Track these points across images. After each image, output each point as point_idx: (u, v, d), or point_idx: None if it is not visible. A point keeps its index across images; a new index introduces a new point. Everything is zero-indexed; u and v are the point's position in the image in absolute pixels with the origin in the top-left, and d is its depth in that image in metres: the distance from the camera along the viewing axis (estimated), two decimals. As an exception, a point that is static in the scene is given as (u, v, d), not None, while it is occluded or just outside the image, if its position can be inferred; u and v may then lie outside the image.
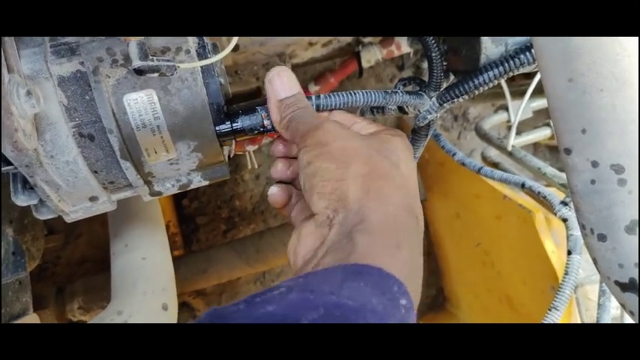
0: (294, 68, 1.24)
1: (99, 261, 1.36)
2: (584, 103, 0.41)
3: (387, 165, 0.48)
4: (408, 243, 0.43)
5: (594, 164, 0.42)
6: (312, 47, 1.16)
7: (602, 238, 0.43)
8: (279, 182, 0.58)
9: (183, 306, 1.47)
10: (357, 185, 0.45)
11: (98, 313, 1.02)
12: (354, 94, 0.57)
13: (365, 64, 1.24)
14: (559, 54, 0.42)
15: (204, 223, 1.57)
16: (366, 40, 1.26)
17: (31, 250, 0.86)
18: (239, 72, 1.10)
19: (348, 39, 1.22)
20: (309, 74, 1.51)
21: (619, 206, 0.42)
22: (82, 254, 1.41)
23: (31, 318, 0.76)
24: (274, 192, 0.56)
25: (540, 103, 1.10)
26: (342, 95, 0.56)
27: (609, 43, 0.40)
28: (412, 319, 0.40)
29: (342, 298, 0.37)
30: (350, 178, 0.46)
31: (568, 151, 0.44)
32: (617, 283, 0.43)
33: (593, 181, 0.43)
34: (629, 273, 0.42)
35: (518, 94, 1.06)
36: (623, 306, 0.44)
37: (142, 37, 0.47)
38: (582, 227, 0.45)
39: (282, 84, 0.53)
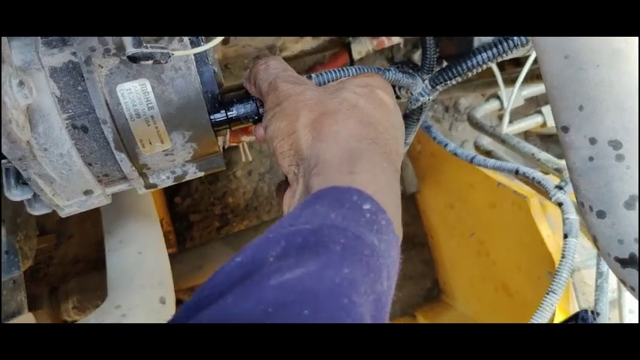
0: (285, 61, 1.23)
1: (92, 261, 1.35)
2: (580, 80, 0.42)
3: (336, 103, 0.47)
4: (365, 167, 0.42)
5: (592, 141, 0.42)
6: (302, 40, 1.16)
7: (601, 214, 0.43)
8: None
9: (178, 303, 1.46)
10: (307, 133, 0.45)
11: (93, 312, 1.01)
12: (348, 69, 0.57)
13: (356, 56, 1.24)
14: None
15: (197, 220, 1.57)
16: (356, 32, 1.26)
17: (24, 250, 0.85)
18: (229, 66, 1.10)
19: (338, 31, 1.22)
20: (299, 67, 1.51)
21: (617, 182, 0.42)
22: (74, 254, 1.40)
23: (27, 317, 0.75)
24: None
25: (532, 90, 1.11)
26: (336, 71, 0.56)
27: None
28: (385, 220, 0.39)
29: (300, 225, 0.36)
30: (300, 128, 0.46)
31: (565, 129, 0.44)
32: (617, 259, 0.44)
33: (591, 158, 0.43)
34: (629, 248, 0.43)
35: (509, 81, 1.07)
36: (623, 282, 0.44)
37: (135, 25, 0.46)
38: (581, 205, 0.45)
39: (265, 60, 0.54)
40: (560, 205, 0.77)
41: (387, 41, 1.21)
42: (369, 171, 0.42)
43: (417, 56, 1.45)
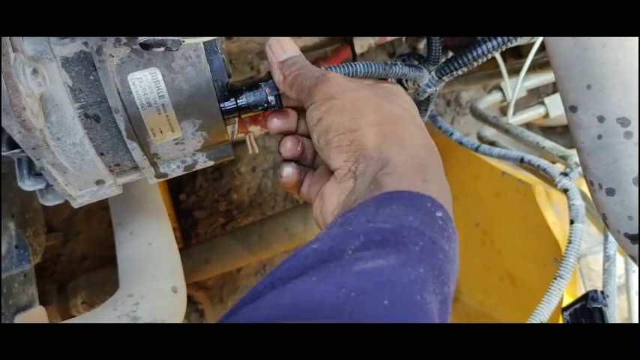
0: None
1: (99, 258, 1.36)
2: (587, 59, 0.42)
3: (398, 109, 0.49)
4: (434, 177, 0.44)
5: (600, 119, 0.43)
6: (304, 35, 1.16)
7: (610, 192, 0.44)
8: (288, 161, 0.56)
9: (187, 298, 1.46)
10: (373, 133, 0.46)
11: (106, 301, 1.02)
12: (355, 65, 0.57)
13: (358, 50, 1.24)
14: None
15: (202, 217, 1.57)
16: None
17: (33, 245, 0.86)
18: (233, 61, 1.10)
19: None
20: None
21: (626, 159, 0.43)
22: (82, 252, 1.40)
23: (38, 310, 0.76)
24: (289, 173, 0.54)
25: (534, 81, 1.11)
26: (343, 67, 0.57)
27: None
28: (452, 229, 0.41)
29: (379, 223, 0.38)
30: (364, 127, 0.46)
31: (574, 109, 0.44)
32: (626, 235, 0.44)
33: (599, 136, 0.43)
34: (638, 224, 0.43)
35: (511, 72, 1.07)
36: (632, 258, 0.45)
37: (146, 13, 0.47)
38: (590, 183, 0.46)
39: (281, 47, 0.54)
40: (565, 191, 0.78)
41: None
42: (437, 181, 0.44)
43: (421, 45, 1.45)
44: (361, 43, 1.26)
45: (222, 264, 1.23)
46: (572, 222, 0.75)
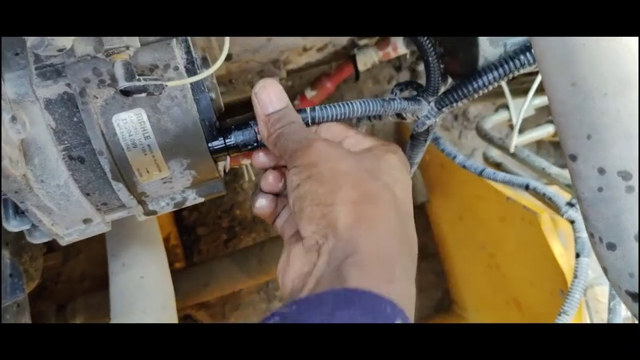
0: (290, 74, 1.22)
1: (99, 277, 1.35)
2: (587, 109, 0.40)
3: (378, 187, 0.46)
4: (401, 275, 0.42)
5: (601, 171, 0.41)
6: (306, 52, 1.15)
7: (611, 246, 0.42)
8: (266, 192, 0.55)
9: (186, 319, 1.45)
10: (347, 211, 0.44)
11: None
12: (351, 104, 0.55)
13: (361, 67, 1.23)
14: (560, 57, 0.40)
15: (204, 233, 1.56)
16: (362, 42, 1.24)
17: (30, 271, 0.85)
18: (233, 81, 1.09)
19: (344, 42, 1.21)
20: (305, 79, 1.50)
21: (627, 214, 0.40)
22: (81, 271, 1.40)
23: (31, 341, 0.75)
24: (263, 205, 0.54)
25: (542, 100, 1.08)
26: (339, 106, 0.55)
27: (612, 43, 0.39)
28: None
29: None
30: (339, 203, 0.44)
31: (573, 158, 0.42)
32: (628, 292, 0.42)
33: (600, 189, 0.41)
34: (639, 282, 0.41)
35: (520, 92, 1.05)
36: (634, 316, 0.43)
37: (128, 56, 0.45)
38: (591, 236, 0.44)
39: (268, 97, 0.51)
40: (572, 222, 0.75)
41: (393, 52, 1.20)
42: (403, 280, 0.42)
43: (421, 67, 1.43)
44: (364, 60, 1.24)
45: (222, 287, 1.22)
46: (577, 255, 0.73)
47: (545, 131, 1.14)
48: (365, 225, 0.43)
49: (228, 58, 0.97)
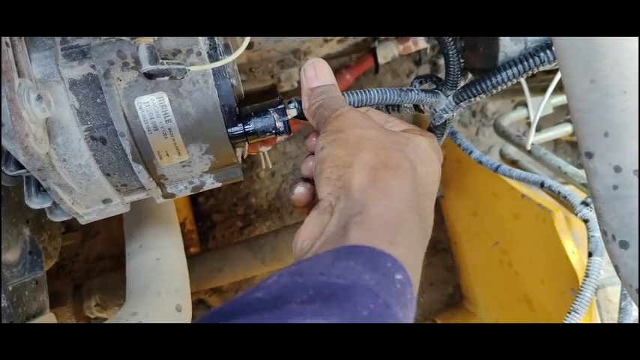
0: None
1: (116, 257, 1.37)
2: (606, 106, 0.40)
3: (399, 158, 0.46)
4: (404, 240, 0.41)
5: (617, 169, 0.41)
6: (327, 44, 1.15)
7: (624, 245, 0.42)
8: (305, 180, 0.55)
9: (199, 303, 1.47)
10: (363, 174, 0.44)
11: (115, 310, 1.03)
12: (369, 91, 0.56)
13: (381, 60, 1.23)
14: (581, 55, 0.40)
15: (220, 220, 1.57)
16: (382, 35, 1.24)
17: (48, 249, 0.87)
18: (253, 69, 1.10)
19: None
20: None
21: (642, 213, 0.40)
22: (99, 251, 1.42)
23: (48, 317, 0.77)
24: (301, 192, 0.54)
25: (561, 99, 1.08)
26: (357, 93, 0.55)
27: (633, 43, 0.39)
28: (410, 294, 0.39)
29: (332, 277, 0.36)
30: (357, 165, 0.45)
31: (589, 155, 0.42)
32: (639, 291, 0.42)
33: (615, 187, 0.41)
34: (652, 282, 0.41)
35: (539, 90, 1.04)
36: (646, 315, 0.43)
37: (153, 40, 0.46)
38: (604, 233, 0.44)
39: (314, 73, 0.53)
40: (586, 221, 0.75)
41: (414, 46, 1.19)
42: (406, 245, 0.41)
43: (442, 61, 1.42)
44: (384, 53, 1.24)
45: (235, 273, 1.23)
46: (590, 254, 0.73)
47: (563, 130, 1.14)
48: (378, 188, 0.43)
49: (250, 46, 0.97)
